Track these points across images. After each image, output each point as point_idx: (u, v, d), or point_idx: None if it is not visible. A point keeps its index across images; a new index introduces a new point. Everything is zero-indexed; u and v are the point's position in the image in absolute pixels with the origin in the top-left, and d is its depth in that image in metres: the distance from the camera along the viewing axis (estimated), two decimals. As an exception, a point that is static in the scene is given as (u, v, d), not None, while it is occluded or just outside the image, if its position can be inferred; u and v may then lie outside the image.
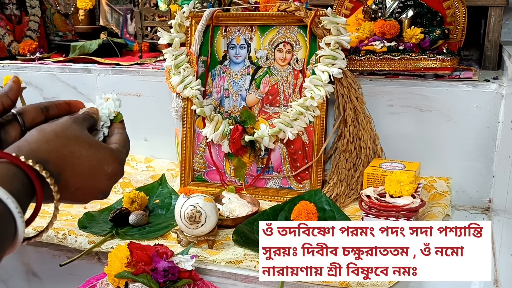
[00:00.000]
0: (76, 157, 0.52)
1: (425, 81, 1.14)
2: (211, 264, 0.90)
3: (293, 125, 1.14)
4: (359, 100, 1.14)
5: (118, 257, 0.81)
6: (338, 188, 1.12)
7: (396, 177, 0.94)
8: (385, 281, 0.81)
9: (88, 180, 0.54)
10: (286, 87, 1.18)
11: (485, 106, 1.10)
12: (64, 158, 0.51)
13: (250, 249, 0.92)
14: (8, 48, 1.65)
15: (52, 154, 0.50)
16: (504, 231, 1.00)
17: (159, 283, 0.79)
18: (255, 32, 1.21)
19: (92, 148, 0.54)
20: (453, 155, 1.14)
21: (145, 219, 1.05)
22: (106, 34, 1.74)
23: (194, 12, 1.24)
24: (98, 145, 0.55)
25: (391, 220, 0.91)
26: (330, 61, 1.11)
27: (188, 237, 0.94)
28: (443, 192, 1.09)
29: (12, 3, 1.70)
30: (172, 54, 1.22)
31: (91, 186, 0.54)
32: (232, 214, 1.04)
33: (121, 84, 1.40)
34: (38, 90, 1.49)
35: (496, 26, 1.28)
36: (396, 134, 1.17)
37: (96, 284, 0.85)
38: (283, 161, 1.18)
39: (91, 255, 0.96)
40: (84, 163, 0.52)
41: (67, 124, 0.54)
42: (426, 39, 1.15)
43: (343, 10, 1.37)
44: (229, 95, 1.23)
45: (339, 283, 0.83)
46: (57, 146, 0.51)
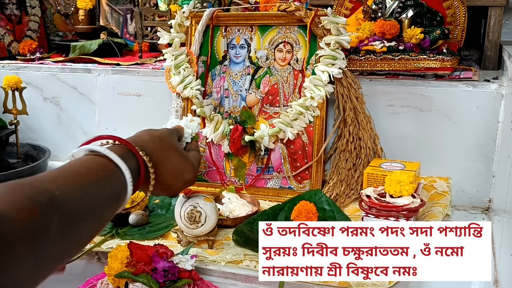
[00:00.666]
0: (169, 160, 0.69)
1: (425, 81, 1.14)
2: (211, 264, 0.90)
3: (293, 125, 1.14)
4: (359, 100, 1.14)
5: (118, 257, 0.81)
6: (338, 188, 1.12)
7: (396, 177, 0.94)
8: (385, 281, 0.81)
9: (171, 180, 0.70)
10: (286, 87, 1.18)
11: (485, 106, 1.10)
12: (161, 158, 0.68)
13: (250, 249, 0.92)
14: (8, 48, 1.65)
15: (154, 152, 0.67)
16: (504, 231, 1.00)
17: (159, 283, 0.79)
18: (255, 32, 1.21)
19: (181, 157, 0.72)
20: (453, 155, 1.14)
21: (145, 219, 1.05)
22: (106, 34, 1.74)
23: (194, 12, 1.24)
24: (185, 157, 0.74)
25: (391, 220, 0.91)
26: (330, 61, 1.11)
27: (188, 237, 0.94)
28: (443, 192, 1.09)
29: (12, 3, 1.70)
30: (172, 54, 1.22)
31: (171, 185, 0.71)
32: (232, 214, 1.04)
33: (121, 84, 1.40)
34: (38, 90, 1.49)
35: (496, 26, 1.28)
36: (396, 134, 1.17)
37: (96, 284, 0.85)
38: (283, 161, 1.18)
39: (91, 255, 0.96)
40: (173, 166, 0.70)
41: (168, 134, 0.74)
42: (426, 39, 1.15)
43: (343, 10, 1.37)
44: (229, 95, 1.23)
45: (339, 283, 0.83)
46: (159, 148, 0.68)
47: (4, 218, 0.39)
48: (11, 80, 1.35)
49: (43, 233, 0.43)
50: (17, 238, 0.40)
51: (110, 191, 0.57)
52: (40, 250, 0.42)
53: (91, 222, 0.53)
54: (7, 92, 1.35)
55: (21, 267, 0.40)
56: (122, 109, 1.40)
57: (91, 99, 1.44)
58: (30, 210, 0.42)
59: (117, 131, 1.42)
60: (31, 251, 0.41)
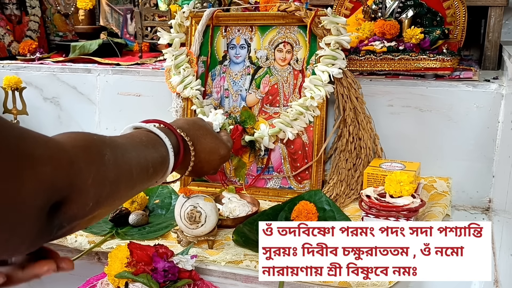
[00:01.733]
0: (203, 137, 0.79)
1: (425, 81, 1.14)
2: (211, 264, 0.90)
3: (293, 125, 1.14)
4: (359, 100, 1.14)
5: (118, 257, 0.81)
6: (338, 188, 1.12)
7: (396, 177, 0.94)
8: (385, 281, 0.81)
9: (208, 156, 0.80)
10: (286, 87, 1.18)
11: (485, 106, 1.10)
12: (197, 136, 0.78)
13: (250, 249, 0.92)
14: (8, 48, 1.65)
15: (190, 131, 0.77)
16: (504, 231, 1.00)
17: (159, 283, 0.79)
18: (255, 32, 1.21)
19: (213, 136, 0.82)
20: (453, 155, 1.14)
21: (145, 219, 1.05)
22: (106, 34, 1.74)
23: (194, 12, 1.24)
24: (217, 135, 0.84)
25: (391, 220, 0.91)
26: (330, 61, 1.11)
27: (188, 237, 0.93)
28: (443, 192, 1.09)
29: (12, 3, 1.70)
30: (172, 54, 1.22)
31: (208, 161, 0.80)
32: (232, 214, 1.04)
33: (121, 84, 1.40)
34: (38, 90, 1.49)
35: (496, 26, 1.28)
36: (396, 134, 1.17)
37: (96, 284, 0.85)
38: (283, 161, 1.18)
39: (91, 255, 0.96)
40: (208, 143, 0.80)
41: (200, 119, 0.85)
42: (426, 39, 1.15)
43: (343, 10, 1.37)
44: (229, 95, 1.23)
45: (339, 283, 0.83)
46: (193, 128, 0.79)
47: (67, 147, 0.49)
48: (11, 80, 1.35)
49: (100, 160, 0.53)
50: (80, 159, 0.49)
51: (154, 151, 0.67)
52: (98, 173, 0.51)
53: (139, 167, 0.61)
54: (7, 92, 1.35)
55: (85, 185, 0.49)
56: (122, 109, 1.40)
57: (91, 99, 1.44)
58: (86, 141, 0.53)
59: (117, 131, 1.42)
60: (91, 171, 0.50)
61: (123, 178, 0.58)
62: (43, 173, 0.43)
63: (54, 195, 0.45)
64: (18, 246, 0.45)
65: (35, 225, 0.44)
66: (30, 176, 0.42)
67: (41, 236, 0.46)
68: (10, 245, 0.44)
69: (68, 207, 0.47)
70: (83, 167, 0.49)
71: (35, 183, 0.43)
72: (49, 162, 0.44)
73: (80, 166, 0.48)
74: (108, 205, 0.55)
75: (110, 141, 0.58)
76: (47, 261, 0.58)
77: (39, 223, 0.45)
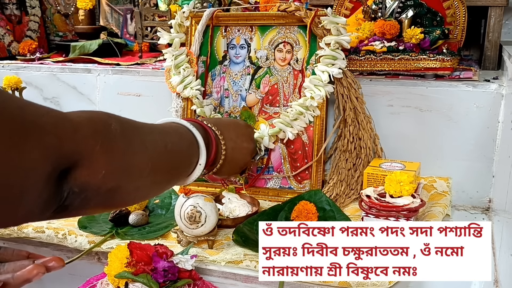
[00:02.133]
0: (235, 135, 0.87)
1: (425, 81, 1.14)
2: (211, 264, 0.90)
3: (293, 125, 1.14)
4: (359, 100, 1.14)
5: (118, 257, 0.81)
6: (338, 188, 1.12)
7: (396, 177, 0.94)
8: (385, 281, 0.81)
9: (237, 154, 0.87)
10: (286, 87, 1.18)
11: (485, 106, 1.10)
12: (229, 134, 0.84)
13: (250, 249, 0.92)
14: (8, 48, 1.65)
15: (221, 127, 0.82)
16: (504, 231, 1.00)
17: (159, 283, 0.79)
18: (255, 32, 1.21)
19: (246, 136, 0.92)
20: (453, 155, 1.14)
21: (145, 219, 1.05)
22: (106, 34, 1.74)
23: (194, 12, 1.24)
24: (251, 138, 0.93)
25: (391, 220, 0.91)
26: (330, 61, 1.11)
27: (188, 237, 0.94)
28: (443, 192, 1.09)
29: (12, 3, 1.70)
30: (172, 54, 1.22)
31: (238, 159, 0.88)
32: (232, 214, 1.04)
33: (121, 84, 1.40)
34: (38, 90, 1.49)
35: (496, 26, 1.28)
36: (396, 134, 1.17)
37: (96, 284, 0.85)
38: (283, 161, 1.18)
39: (91, 255, 0.96)
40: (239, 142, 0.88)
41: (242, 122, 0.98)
42: (426, 39, 1.15)
43: (343, 10, 1.37)
44: (229, 95, 1.23)
45: (339, 283, 0.83)
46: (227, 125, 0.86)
47: (71, 116, 0.50)
48: (11, 80, 1.35)
49: (106, 129, 0.53)
50: (85, 126, 0.50)
51: (176, 135, 0.69)
52: (106, 141, 0.52)
53: (155, 145, 0.62)
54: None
55: (93, 151, 0.50)
56: (122, 109, 1.40)
57: (91, 99, 1.44)
58: (90, 113, 0.54)
59: (117, 131, 1.42)
60: (97, 138, 0.51)
61: (138, 152, 0.58)
62: (47, 141, 0.45)
63: (61, 162, 0.46)
64: (29, 213, 0.46)
65: (45, 191, 0.45)
66: (35, 143, 0.43)
67: (50, 203, 0.47)
68: (20, 212, 0.45)
69: (78, 173, 0.48)
70: (88, 135, 0.50)
71: (41, 150, 0.44)
72: (53, 129, 0.46)
73: (84, 133, 0.49)
74: (127, 180, 0.56)
75: (118, 116, 0.58)
76: (36, 265, 0.59)
77: (48, 189, 0.46)
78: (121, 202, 0.61)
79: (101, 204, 0.54)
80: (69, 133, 0.48)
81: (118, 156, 0.54)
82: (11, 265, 0.63)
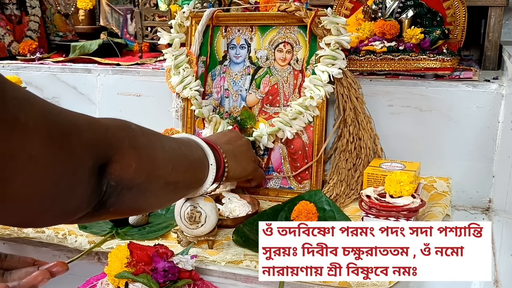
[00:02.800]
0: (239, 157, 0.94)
1: (425, 81, 1.14)
2: (211, 264, 0.90)
3: (292, 124, 1.14)
4: (359, 100, 1.14)
5: (118, 257, 0.81)
6: (338, 188, 1.12)
7: (396, 177, 0.94)
8: (385, 281, 0.81)
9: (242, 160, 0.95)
10: (286, 87, 1.18)
11: (485, 106, 1.10)
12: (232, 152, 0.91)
13: (250, 249, 0.92)
14: (8, 48, 1.65)
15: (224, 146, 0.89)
16: (504, 231, 1.00)
17: (159, 283, 0.79)
18: (255, 32, 1.21)
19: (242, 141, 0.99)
20: (453, 155, 1.14)
21: (145, 219, 1.05)
22: (106, 34, 1.74)
23: (194, 12, 1.24)
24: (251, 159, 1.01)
25: (391, 220, 0.91)
26: (330, 61, 1.11)
27: (188, 237, 0.94)
28: (443, 192, 1.09)
29: (12, 3, 1.70)
30: (172, 54, 1.22)
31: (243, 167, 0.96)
32: (232, 214, 1.04)
33: (121, 84, 1.40)
34: (38, 90, 1.49)
35: (496, 26, 1.28)
36: (396, 134, 1.17)
37: (96, 284, 0.85)
38: (283, 161, 1.18)
39: (91, 255, 0.96)
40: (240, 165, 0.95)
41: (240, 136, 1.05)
42: (426, 39, 1.15)
43: (343, 10, 1.37)
44: (229, 95, 1.23)
45: (339, 283, 0.83)
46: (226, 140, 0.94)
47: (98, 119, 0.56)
48: (11, 80, 1.34)
49: (128, 127, 0.60)
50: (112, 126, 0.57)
51: (187, 149, 0.75)
52: (131, 137, 0.58)
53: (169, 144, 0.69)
54: (7, 92, 1.35)
55: (123, 146, 0.56)
56: (122, 109, 1.40)
57: (91, 99, 1.44)
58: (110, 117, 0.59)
59: (117, 131, 1.42)
60: (124, 135, 0.58)
61: (158, 149, 0.64)
62: (87, 138, 0.50)
63: (99, 156, 0.52)
64: (78, 207, 0.51)
65: (89, 185, 0.51)
66: (78, 142, 0.49)
67: (94, 196, 0.52)
68: (72, 206, 0.50)
69: (113, 167, 0.54)
70: (116, 132, 0.56)
71: (83, 147, 0.49)
72: (89, 128, 0.51)
73: (113, 131, 0.56)
74: (152, 175, 0.61)
75: (137, 126, 0.64)
76: (41, 272, 0.62)
77: (92, 182, 0.51)
78: (149, 204, 0.67)
79: (133, 203, 0.60)
80: (102, 131, 0.54)
81: (144, 151, 0.60)
82: (17, 272, 0.66)
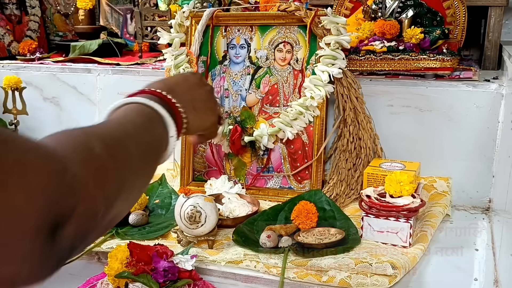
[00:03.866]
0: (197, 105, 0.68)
1: (425, 81, 1.14)
2: (211, 264, 0.90)
3: (293, 124, 1.14)
4: (359, 100, 1.14)
5: (118, 257, 0.81)
6: (338, 188, 1.12)
7: (396, 177, 0.94)
8: (385, 281, 0.81)
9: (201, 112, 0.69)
10: (286, 87, 1.18)
11: (485, 106, 1.10)
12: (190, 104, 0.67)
13: (250, 249, 0.92)
14: (8, 48, 1.65)
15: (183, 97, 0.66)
16: (504, 231, 1.00)
17: (159, 283, 0.79)
18: (255, 32, 1.21)
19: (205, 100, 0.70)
20: (453, 155, 1.13)
21: (145, 219, 1.05)
22: (106, 34, 1.74)
23: (194, 12, 1.24)
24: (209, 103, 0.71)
25: (391, 220, 0.91)
26: (330, 61, 1.11)
27: (188, 237, 0.93)
28: (443, 192, 1.09)
29: (12, 3, 1.70)
30: (172, 54, 1.22)
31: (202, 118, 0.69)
32: (232, 214, 1.04)
33: (121, 84, 1.40)
34: (38, 90, 1.49)
35: (496, 26, 1.28)
36: (396, 134, 1.16)
37: (96, 284, 0.85)
38: (283, 161, 1.18)
39: (91, 255, 0.96)
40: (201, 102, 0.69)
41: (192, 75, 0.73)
42: (426, 39, 1.15)
43: (343, 10, 1.37)
44: (229, 95, 1.23)
45: (339, 283, 0.83)
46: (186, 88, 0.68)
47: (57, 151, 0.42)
48: (11, 80, 1.35)
49: (91, 155, 0.45)
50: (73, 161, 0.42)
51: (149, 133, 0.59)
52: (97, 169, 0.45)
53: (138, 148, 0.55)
54: (7, 92, 1.35)
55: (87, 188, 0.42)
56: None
57: (91, 99, 1.44)
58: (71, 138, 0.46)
59: (117, 131, 1.42)
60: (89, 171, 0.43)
61: (125, 160, 0.51)
62: (35, 182, 0.37)
63: (53, 209, 0.38)
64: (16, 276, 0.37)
65: (34, 248, 0.37)
66: (20, 185, 0.36)
67: (45, 263, 0.39)
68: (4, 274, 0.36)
69: (76, 224, 0.40)
70: (77, 172, 0.41)
71: (26, 193, 0.36)
72: (42, 169, 0.38)
73: (74, 171, 0.41)
74: (122, 199, 0.49)
75: (97, 130, 0.51)
76: None
77: (39, 245, 0.37)
78: (122, 215, 0.53)
79: (99, 235, 0.49)
80: (60, 172, 0.40)
81: (113, 181, 0.47)
82: None
